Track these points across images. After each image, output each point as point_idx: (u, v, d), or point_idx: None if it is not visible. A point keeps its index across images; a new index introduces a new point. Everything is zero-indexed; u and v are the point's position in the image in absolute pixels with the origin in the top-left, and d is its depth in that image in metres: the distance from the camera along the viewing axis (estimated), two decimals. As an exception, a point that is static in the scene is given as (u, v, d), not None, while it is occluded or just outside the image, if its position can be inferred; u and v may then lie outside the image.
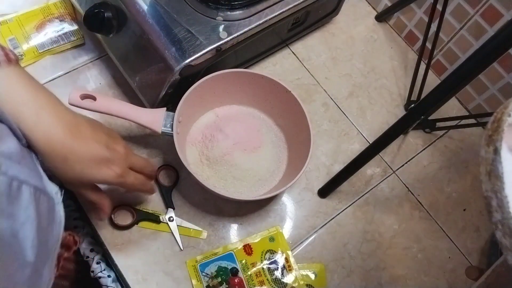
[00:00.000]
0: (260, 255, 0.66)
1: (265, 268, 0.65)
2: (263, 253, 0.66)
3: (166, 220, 0.67)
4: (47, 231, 0.41)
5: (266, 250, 0.67)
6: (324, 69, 0.86)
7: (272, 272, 0.66)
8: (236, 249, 0.66)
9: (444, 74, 0.89)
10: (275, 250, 0.67)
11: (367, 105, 0.84)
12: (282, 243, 0.68)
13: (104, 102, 0.61)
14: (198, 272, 0.64)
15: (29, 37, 0.74)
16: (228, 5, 0.66)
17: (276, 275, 0.66)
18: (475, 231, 0.77)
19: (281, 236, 0.69)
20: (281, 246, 0.68)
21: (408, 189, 0.79)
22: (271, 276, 0.65)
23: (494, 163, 0.32)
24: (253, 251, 0.66)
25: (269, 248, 0.67)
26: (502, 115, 0.33)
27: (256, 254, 0.66)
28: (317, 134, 0.79)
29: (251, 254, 0.66)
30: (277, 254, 0.67)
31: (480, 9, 0.75)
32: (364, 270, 0.71)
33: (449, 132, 0.85)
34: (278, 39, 0.81)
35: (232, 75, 0.69)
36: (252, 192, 0.69)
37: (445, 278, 0.73)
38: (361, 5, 0.95)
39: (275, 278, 0.65)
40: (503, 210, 0.31)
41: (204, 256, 0.65)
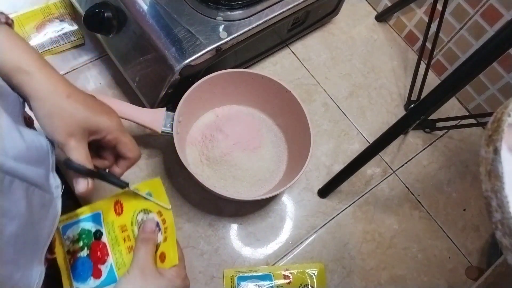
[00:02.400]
0: (131, 214, 0.52)
1: (134, 231, 0.51)
2: (135, 213, 0.52)
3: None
4: (38, 227, 0.41)
5: (139, 209, 0.52)
6: (324, 69, 0.86)
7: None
8: (104, 207, 0.53)
9: (444, 74, 0.89)
10: (150, 209, 0.52)
11: (367, 105, 0.84)
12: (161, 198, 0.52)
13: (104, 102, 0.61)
14: (60, 235, 0.52)
15: (29, 37, 0.74)
16: (228, 5, 0.66)
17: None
18: (475, 231, 0.77)
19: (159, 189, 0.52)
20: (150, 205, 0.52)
21: (408, 189, 0.79)
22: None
23: (494, 163, 0.32)
24: (124, 210, 0.52)
25: (143, 207, 0.52)
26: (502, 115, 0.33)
27: (126, 213, 0.52)
28: (317, 134, 0.79)
29: (121, 214, 0.52)
30: (151, 214, 0.52)
31: (480, 9, 0.75)
32: (364, 270, 0.71)
33: (449, 132, 0.85)
34: (278, 39, 0.81)
35: (232, 75, 0.69)
36: (252, 192, 0.69)
37: (445, 278, 0.73)
38: (361, 5, 0.95)
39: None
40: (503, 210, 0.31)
41: (67, 216, 0.53)
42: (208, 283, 0.66)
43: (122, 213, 0.52)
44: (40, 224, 0.41)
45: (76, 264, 0.51)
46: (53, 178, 0.44)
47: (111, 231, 0.52)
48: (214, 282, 0.66)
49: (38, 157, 0.41)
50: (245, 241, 0.69)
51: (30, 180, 0.39)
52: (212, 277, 0.66)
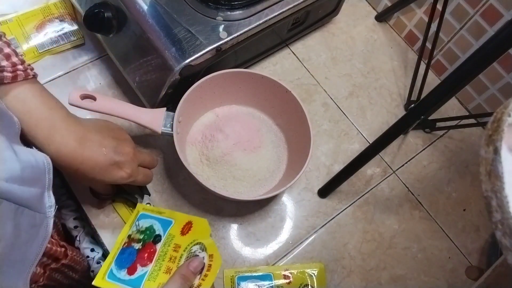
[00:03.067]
0: (190, 241, 0.54)
1: (183, 257, 0.53)
2: (194, 241, 0.54)
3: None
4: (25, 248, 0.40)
5: (199, 241, 0.53)
6: (324, 69, 0.86)
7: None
8: (178, 220, 0.56)
9: (444, 74, 0.89)
10: (207, 248, 0.53)
11: (367, 105, 0.84)
12: (210, 246, 0.53)
13: (104, 102, 0.61)
14: (135, 218, 0.58)
15: (29, 37, 0.74)
16: (228, 5, 0.66)
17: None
18: (475, 231, 0.77)
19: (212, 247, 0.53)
20: (209, 247, 0.53)
21: (408, 189, 0.79)
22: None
23: (494, 163, 0.32)
24: (188, 233, 0.55)
25: (204, 241, 0.53)
26: (502, 115, 0.33)
27: (188, 238, 0.54)
28: (317, 134, 0.79)
29: (185, 235, 0.55)
30: (204, 254, 0.53)
31: (480, 9, 0.75)
32: (364, 270, 0.71)
33: (449, 132, 0.85)
34: (278, 39, 0.81)
35: (232, 75, 0.69)
36: (252, 192, 0.69)
37: (445, 278, 0.73)
38: (361, 5, 0.95)
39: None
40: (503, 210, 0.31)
41: (151, 209, 0.59)
42: (208, 283, 0.66)
43: (185, 235, 0.54)
44: (28, 245, 0.40)
45: (125, 251, 0.54)
46: (47, 197, 0.44)
47: (167, 244, 0.54)
48: (214, 282, 0.66)
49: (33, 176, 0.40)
50: (245, 241, 0.69)
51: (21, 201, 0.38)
52: (212, 277, 0.66)
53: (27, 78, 0.45)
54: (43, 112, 0.45)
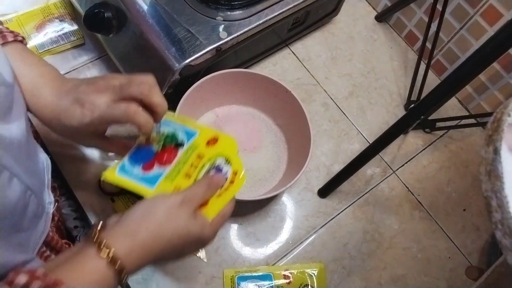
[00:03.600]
0: (215, 153, 0.52)
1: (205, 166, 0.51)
2: (220, 154, 0.52)
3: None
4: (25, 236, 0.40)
5: (225, 155, 0.52)
6: (324, 69, 0.86)
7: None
8: (203, 132, 0.54)
9: (444, 74, 0.89)
10: (232, 163, 0.52)
11: (367, 105, 0.84)
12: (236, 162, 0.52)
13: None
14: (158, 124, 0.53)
15: (29, 37, 0.74)
16: (228, 5, 0.66)
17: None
18: (475, 231, 0.77)
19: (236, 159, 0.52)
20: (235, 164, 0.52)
21: (408, 189, 0.79)
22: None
23: (494, 163, 0.32)
24: (214, 147, 0.53)
25: (229, 157, 0.52)
26: (502, 115, 0.33)
27: (213, 150, 0.52)
28: (317, 134, 0.79)
29: (209, 146, 0.53)
30: (228, 168, 0.51)
31: (480, 9, 0.75)
32: (364, 270, 0.71)
33: (449, 132, 0.85)
34: (278, 39, 0.81)
35: (232, 75, 0.69)
36: (252, 192, 0.69)
37: (445, 278, 0.73)
38: (361, 5, 0.95)
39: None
40: (503, 210, 0.31)
41: (174, 117, 0.55)
42: (208, 283, 0.66)
43: (210, 147, 0.52)
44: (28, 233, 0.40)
45: (141, 149, 0.51)
46: (47, 194, 0.44)
47: (190, 151, 0.51)
48: (214, 282, 0.66)
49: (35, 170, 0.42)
50: (245, 241, 0.69)
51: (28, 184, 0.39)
52: (212, 277, 0.66)
53: (16, 40, 0.45)
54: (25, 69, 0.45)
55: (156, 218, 0.38)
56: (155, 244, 0.37)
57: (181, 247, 0.39)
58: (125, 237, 0.36)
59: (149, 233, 0.37)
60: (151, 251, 0.37)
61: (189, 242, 0.40)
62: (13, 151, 0.37)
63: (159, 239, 0.37)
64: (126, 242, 0.36)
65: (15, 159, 0.37)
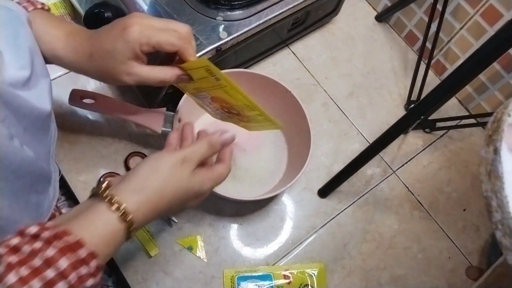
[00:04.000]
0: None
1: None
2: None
3: None
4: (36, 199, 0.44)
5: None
6: (324, 69, 0.86)
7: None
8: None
9: (444, 74, 0.89)
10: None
11: (367, 105, 0.84)
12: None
13: (104, 102, 0.61)
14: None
15: (29, 37, 0.74)
16: (228, 5, 0.66)
17: None
18: (475, 231, 0.77)
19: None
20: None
21: (408, 189, 0.79)
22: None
23: (494, 163, 0.32)
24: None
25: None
26: (502, 115, 0.33)
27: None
28: (317, 134, 0.79)
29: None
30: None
31: (480, 9, 0.75)
32: (364, 270, 0.71)
33: (449, 132, 0.85)
34: (278, 39, 0.81)
35: (232, 75, 0.68)
36: (252, 192, 0.69)
37: (445, 278, 0.73)
38: (361, 5, 0.95)
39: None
40: (503, 210, 0.31)
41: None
42: (208, 283, 0.66)
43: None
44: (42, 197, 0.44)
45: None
46: (52, 163, 0.48)
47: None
48: (214, 282, 0.66)
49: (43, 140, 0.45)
50: (245, 241, 0.69)
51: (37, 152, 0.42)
52: (212, 277, 0.66)
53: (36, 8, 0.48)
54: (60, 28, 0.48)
55: (161, 176, 0.40)
56: (160, 200, 0.40)
57: (183, 201, 0.42)
58: (134, 193, 0.38)
59: (155, 189, 0.40)
60: (157, 207, 0.40)
61: (190, 196, 0.43)
62: (26, 120, 0.39)
63: (164, 195, 0.40)
64: (135, 198, 0.38)
65: (25, 128, 0.39)
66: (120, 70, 0.46)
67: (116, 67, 0.46)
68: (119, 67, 0.46)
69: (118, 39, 0.45)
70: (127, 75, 0.47)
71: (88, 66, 0.48)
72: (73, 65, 0.49)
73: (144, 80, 0.48)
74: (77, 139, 0.70)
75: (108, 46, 0.46)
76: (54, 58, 0.48)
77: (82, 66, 0.48)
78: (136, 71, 0.47)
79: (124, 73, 0.47)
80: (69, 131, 0.70)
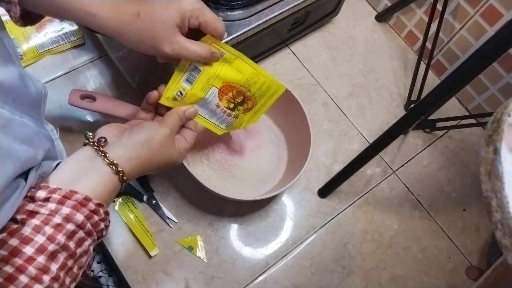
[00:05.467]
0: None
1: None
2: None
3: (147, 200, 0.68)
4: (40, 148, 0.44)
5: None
6: (324, 69, 0.86)
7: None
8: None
9: (444, 74, 0.89)
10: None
11: (367, 105, 0.84)
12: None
13: (104, 102, 0.61)
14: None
15: (29, 37, 0.74)
16: (228, 5, 0.66)
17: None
18: (475, 231, 0.77)
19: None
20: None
21: (408, 189, 0.79)
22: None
23: (494, 163, 0.32)
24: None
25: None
26: (502, 115, 0.33)
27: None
28: (317, 134, 0.79)
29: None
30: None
31: (480, 9, 0.75)
32: (364, 270, 0.71)
33: (449, 132, 0.85)
34: (278, 39, 0.81)
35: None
36: (252, 192, 0.69)
37: (445, 278, 0.73)
38: (361, 5, 0.95)
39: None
40: (503, 210, 0.31)
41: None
42: (208, 283, 0.66)
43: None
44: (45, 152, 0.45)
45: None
46: (45, 123, 0.48)
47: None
48: (214, 282, 0.66)
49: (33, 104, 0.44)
50: (245, 241, 0.69)
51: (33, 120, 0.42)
52: (212, 277, 0.66)
53: None
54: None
55: (153, 146, 0.47)
56: (149, 165, 0.48)
57: (163, 166, 0.50)
58: (130, 159, 0.45)
59: (147, 157, 0.47)
60: (145, 169, 0.48)
61: (170, 163, 0.50)
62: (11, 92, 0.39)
63: (153, 161, 0.48)
64: (131, 163, 0.45)
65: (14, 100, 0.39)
66: (164, 36, 0.46)
67: (161, 32, 0.46)
68: (165, 32, 0.46)
69: (173, 3, 0.45)
70: (169, 43, 0.47)
71: (129, 27, 0.45)
72: (109, 26, 0.45)
73: (183, 52, 0.48)
74: (77, 139, 0.70)
75: (161, 8, 0.45)
76: (86, 16, 0.44)
77: (121, 27, 0.45)
78: (179, 39, 0.47)
79: (167, 40, 0.46)
80: (69, 131, 0.70)
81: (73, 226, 0.38)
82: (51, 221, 0.37)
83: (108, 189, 0.43)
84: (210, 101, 0.55)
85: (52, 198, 0.38)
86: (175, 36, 0.46)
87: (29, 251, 0.35)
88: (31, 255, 0.34)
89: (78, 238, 0.38)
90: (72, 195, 0.39)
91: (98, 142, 0.45)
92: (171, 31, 0.46)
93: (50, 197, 0.38)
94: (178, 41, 0.47)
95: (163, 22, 0.45)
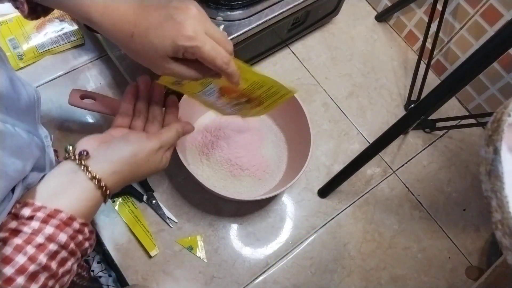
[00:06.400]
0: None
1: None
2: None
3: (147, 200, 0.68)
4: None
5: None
6: (324, 69, 0.86)
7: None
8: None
9: (444, 74, 0.89)
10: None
11: (367, 105, 0.84)
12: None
13: (104, 102, 0.61)
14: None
15: (29, 37, 0.74)
16: (228, 5, 0.66)
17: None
18: (475, 231, 0.77)
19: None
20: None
21: (408, 189, 0.79)
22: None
23: (494, 163, 0.32)
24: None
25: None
26: (502, 115, 0.33)
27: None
28: (317, 134, 0.79)
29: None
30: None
31: (480, 9, 0.75)
32: (364, 270, 0.71)
33: (449, 132, 0.85)
34: (278, 39, 0.81)
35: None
36: (252, 192, 0.69)
37: (445, 278, 0.73)
38: (361, 5, 0.95)
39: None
40: (503, 210, 0.31)
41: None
42: (208, 283, 0.66)
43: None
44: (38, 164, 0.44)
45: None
46: (40, 128, 0.47)
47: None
48: (214, 282, 0.66)
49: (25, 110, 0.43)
50: (245, 241, 0.69)
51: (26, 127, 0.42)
52: (212, 277, 0.66)
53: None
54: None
55: (139, 161, 0.48)
56: (132, 177, 0.48)
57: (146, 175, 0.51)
58: (114, 174, 0.45)
59: (131, 172, 0.47)
60: (128, 182, 0.48)
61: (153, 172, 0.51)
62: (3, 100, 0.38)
63: (137, 174, 0.48)
64: (114, 178, 0.45)
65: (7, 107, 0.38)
66: (155, 62, 0.46)
67: (152, 58, 0.46)
68: (155, 59, 0.46)
69: (167, 35, 0.43)
70: (161, 68, 0.46)
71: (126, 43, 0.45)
72: (111, 37, 0.45)
73: (176, 75, 0.47)
74: (77, 139, 0.69)
75: (154, 37, 0.43)
76: (90, 23, 0.44)
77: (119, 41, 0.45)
78: (170, 66, 0.46)
79: (159, 66, 0.46)
80: (69, 131, 0.70)
81: (56, 246, 0.37)
82: (34, 240, 0.36)
83: (90, 203, 0.43)
84: (210, 94, 0.55)
85: (36, 217, 0.37)
86: (167, 63, 0.45)
87: (9, 271, 0.34)
88: (10, 276, 0.34)
89: (60, 258, 0.38)
90: (57, 214, 0.38)
91: (80, 155, 0.45)
92: (162, 59, 0.45)
93: (34, 215, 0.37)
94: (170, 67, 0.46)
95: (154, 51, 0.44)
